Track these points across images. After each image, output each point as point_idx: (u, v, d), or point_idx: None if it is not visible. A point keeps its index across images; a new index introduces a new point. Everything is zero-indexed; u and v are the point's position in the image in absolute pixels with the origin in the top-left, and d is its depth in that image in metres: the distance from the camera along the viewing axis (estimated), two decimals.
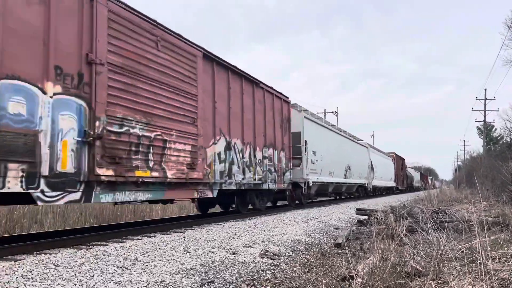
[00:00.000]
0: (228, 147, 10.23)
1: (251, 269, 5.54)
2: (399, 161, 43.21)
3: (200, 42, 9.20)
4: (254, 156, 11.56)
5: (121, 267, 4.97)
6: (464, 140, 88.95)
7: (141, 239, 6.94)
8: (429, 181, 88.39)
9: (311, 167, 16.26)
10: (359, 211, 11.28)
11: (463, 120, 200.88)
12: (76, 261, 5.00)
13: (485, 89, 41.49)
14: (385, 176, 34.44)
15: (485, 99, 41.16)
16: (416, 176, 64.19)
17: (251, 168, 11.31)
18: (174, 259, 5.64)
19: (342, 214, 13.88)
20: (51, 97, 5.68)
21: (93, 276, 4.54)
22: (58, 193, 5.78)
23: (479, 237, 4.78)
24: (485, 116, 41.54)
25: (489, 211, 10.78)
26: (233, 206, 12.44)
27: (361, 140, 28.82)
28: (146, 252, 5.76)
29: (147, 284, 4.47)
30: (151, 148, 7.45)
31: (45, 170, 5.54)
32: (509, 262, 4.65)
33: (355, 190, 25.33)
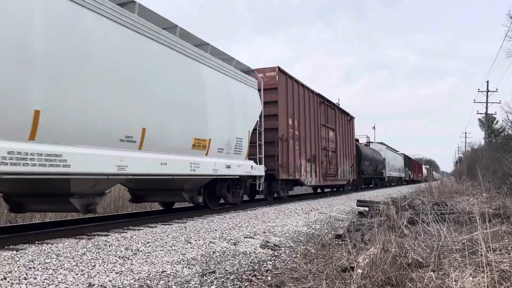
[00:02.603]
0: None
1: (252, 259, 5.55)
2: (313, 105, 16.43)
3: (205, 35, 8.86)
4: None
5: (122, 257, 4.99)
6: (465, 132, 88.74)
7: (142, 229, 6.96)
8: (424, 171, 69.27)
9: None
10: (360, 203, 11.31)
11: (465, 112, 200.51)
12: (77, 251, 5.02)
13: (487, 81, 41.50)
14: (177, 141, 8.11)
15: (487, 91, 40.98)
16: (395, 161, 39.04)
17: None
18: (175, 249, 5.66)
19: (343, 205, 13.90)
20: None
21: (94, 266, 4.56)
22: None
23: (480, 229, 4.78)
24: (487, 108, 41.41)
25: (490, 203, 10.78)
26: None
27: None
28: (148, 243, 5.78)
29: (149, 274, 4.48)
30: None
31: None
32: (509, 254, 4.65)
33: None
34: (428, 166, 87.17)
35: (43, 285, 3.88)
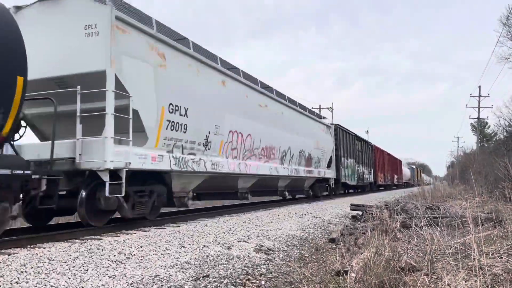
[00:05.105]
0: None
1: (246, 263, 5.54)
2: None
3: (199, 39, 8.75)
4: None
5: (115, 261, 4.96)
6: (458, 137, 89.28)
7: (135, 233, 6.92)
8: (406, 172, 53.11)
9: None
10: (354, 207, 11.33)
11: (458, 117, 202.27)
12: (70, 255, 4.98)
13: (479, 86, 41.69)
14: None
15: (479, 96, 41.32)
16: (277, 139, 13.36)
17: None
18: (168, 253, 5.63)
19: (336, 209, 13.93)
20: None
21: (87, 270, 4.53)
22: None
23: (472, 233, 4.81)
24: (479, 113, 41.73)
25: (482, 207, 10.85)
26: None
27: None
28: (141, 247, 5.75)
29: (142, 278, 4.46)
30: None
31: None
32: (502, 257, 4.68)
33: None
34: (413, 166, 66.49)
35: None
